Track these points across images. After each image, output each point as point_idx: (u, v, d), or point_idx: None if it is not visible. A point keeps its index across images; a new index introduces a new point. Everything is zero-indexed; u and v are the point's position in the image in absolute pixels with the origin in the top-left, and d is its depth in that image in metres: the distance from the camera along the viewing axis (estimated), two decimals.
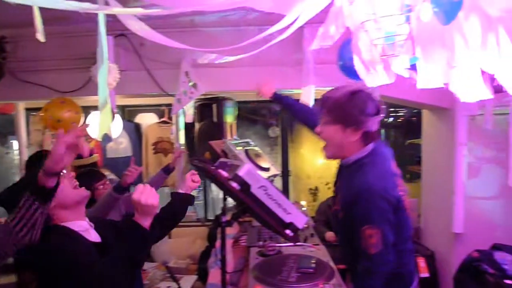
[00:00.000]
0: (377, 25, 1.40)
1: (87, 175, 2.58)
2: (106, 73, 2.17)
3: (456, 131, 3.09)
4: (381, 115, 1.67)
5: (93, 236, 1.57)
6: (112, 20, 2.16)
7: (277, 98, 2.53)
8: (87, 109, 3.62)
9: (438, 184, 3.49)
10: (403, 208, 1.69)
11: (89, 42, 2.50)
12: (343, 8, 1.58)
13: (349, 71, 2.27)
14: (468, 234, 3.18)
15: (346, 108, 1.64)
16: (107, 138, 2.12)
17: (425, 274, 2.08)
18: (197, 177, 1.98)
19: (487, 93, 1.59)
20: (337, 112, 1.67)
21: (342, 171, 1.86)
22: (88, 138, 4.16)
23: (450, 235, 3.28)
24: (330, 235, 3.72)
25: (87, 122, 3.55)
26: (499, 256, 2.64)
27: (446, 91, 1.85)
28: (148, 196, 1.43)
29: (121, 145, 4.45)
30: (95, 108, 3.65)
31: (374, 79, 1.79)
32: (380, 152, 1.72)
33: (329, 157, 1.81)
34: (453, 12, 1.15)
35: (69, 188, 1.52)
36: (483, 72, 1.57)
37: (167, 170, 2.81)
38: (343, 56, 2.44)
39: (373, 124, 1.65)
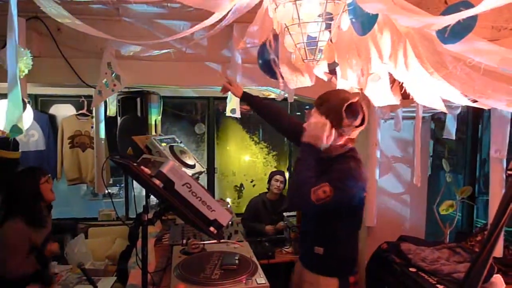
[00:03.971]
0: (301, 29, 1.46)
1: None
2: (17, 58, 1.96)
3: (370, 132, 3.33)
4: (364, 125, 1.79)
5: None
6: (24, 1, 1.97)
7: (246, 97, 2.42)
8: None
9: None
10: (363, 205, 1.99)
11: None
12: (269, 11, 1.62)
13: (269, 70, 2.30)
14: (379, 227, 3.45)
15: (340, 115, 1.71)
16: (17, 130, 1.92)
17: None
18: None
19: (395, 99, 1.74)
20: (332, 115, 1.72)
21: (323, 162, 1.89)
22: None
23: (364, 229, 3.53)
24: (269, 228, 3.80)
25: None
26: (405, 247, 2.90)
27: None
28: None
29: (32, 138, 4.07)
30: (1, 96, 3.30)
31: (296, 81, 1.87)
32: (357, 153, 1.87)
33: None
34: (369, 24, 1.25)
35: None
36: (393, 80, 1.72)
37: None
38: (264, 56, 2.45)
39: (355, 134, 1.81)
